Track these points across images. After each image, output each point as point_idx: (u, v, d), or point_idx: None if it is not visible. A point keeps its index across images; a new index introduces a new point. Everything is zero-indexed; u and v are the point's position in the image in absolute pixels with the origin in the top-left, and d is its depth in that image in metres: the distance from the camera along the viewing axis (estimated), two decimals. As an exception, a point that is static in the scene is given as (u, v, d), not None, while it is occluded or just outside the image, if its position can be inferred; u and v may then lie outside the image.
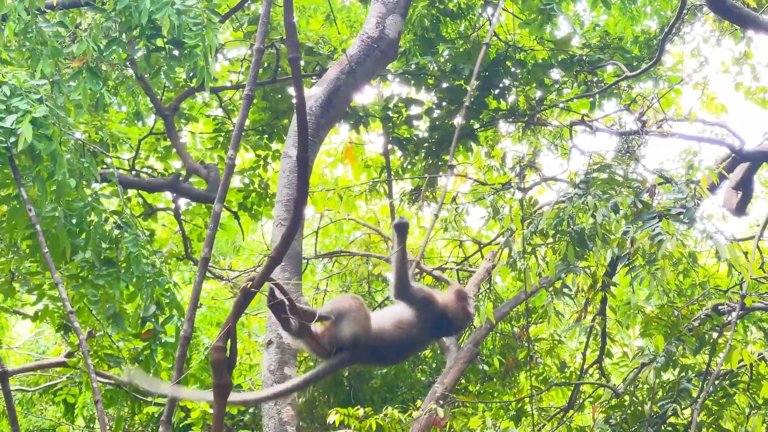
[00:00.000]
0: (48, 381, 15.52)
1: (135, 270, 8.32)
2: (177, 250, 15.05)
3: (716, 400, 11.02)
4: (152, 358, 9.09)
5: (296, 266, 8.88)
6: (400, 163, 14.31)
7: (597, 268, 10.83)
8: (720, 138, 13.28)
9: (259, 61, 6.29)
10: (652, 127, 12.84)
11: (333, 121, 9.93)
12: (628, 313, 11.30)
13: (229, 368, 5.19)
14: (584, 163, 11.85)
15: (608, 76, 14.09)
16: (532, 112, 13.75)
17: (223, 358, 5.17)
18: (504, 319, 14.53)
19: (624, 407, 11.29)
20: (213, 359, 5.16)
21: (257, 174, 14.45)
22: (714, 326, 10.93)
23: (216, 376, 5.17)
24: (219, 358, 5.16)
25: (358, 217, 17.09)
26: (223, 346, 5.15)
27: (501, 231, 12.80)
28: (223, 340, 5.14)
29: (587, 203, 9.55)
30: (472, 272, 15.75)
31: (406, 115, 13.72)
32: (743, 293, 10.38)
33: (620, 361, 13.81)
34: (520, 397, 14.76)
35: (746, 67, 15.11)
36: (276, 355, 8.37)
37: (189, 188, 13.06)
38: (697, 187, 9.74)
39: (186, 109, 14.14)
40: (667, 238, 8.94)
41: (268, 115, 13.70)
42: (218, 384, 5.17)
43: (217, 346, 5.16)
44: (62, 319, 9.85)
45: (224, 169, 6.16)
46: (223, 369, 5.17)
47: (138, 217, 12.97)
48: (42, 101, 7.68)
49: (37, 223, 7.22)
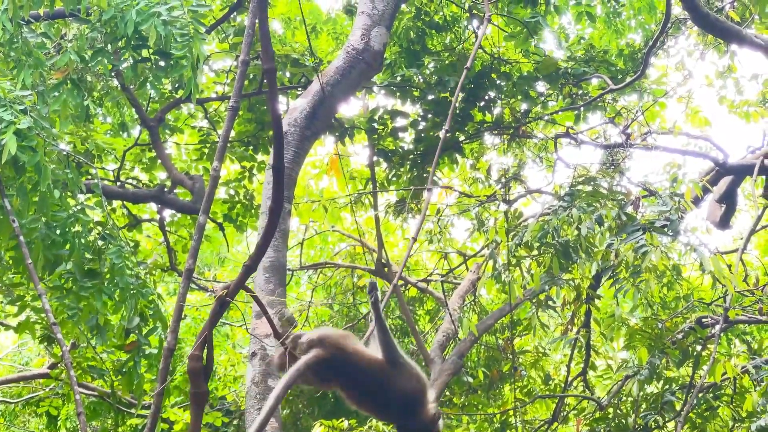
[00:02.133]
0: (31, 392, 15.46)
1: (119, 282, 8.29)
2: (162, 261, 15.01)
3: (700, 413, 11.05)
4: (135, 370, 9.05)
5: (281, 278, 8.87)
6: (386, 175, 14.30)
7: (582, 280, 10.86)
8: (704, 151, 13.32)
9: (244, 72, 6.28)
10: (636, 140, 12.88)
11: (318, 133, 9.94)
12: (613, 326, 11.33)
13: (205, 377, 5.18)
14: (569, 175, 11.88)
15: (593, 89, 14.13)
16: (517, 125, 13.76)
17: (200, 366, 5.16)
18: (488, 331, 14.53)
19: (608, 420, 11.32)
20: (189, 368, 5.16)
21: (242, 185, 14.42)
22: (698, 339, 10.97)
23: (193, 385, 5.17)
24: (195, 367, 5.15)
25: (343, 229, 17.09)
26: (200, 354, 5.15)
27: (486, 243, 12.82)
28: (199, 348, 5.14)
29: (572, 216, 9.57)
30: (456, 284, 15.76)
31: (392, 127, 13.72)
32: (727, 306, 10.42)
33: (604, 373, 13.84)
34: (504, 410, 14.77)
35: (730, 80, 15.16)
36: (260, 367, 8.37)
37: (174, 199, 13.02)
38: (681, 200, 9.78)
39: (171, 120, 14.11)
40: (651, 251, 8.97)
41: (253, 126, 13.68)
42: (195, 392, 5.16)
43: (194, 354, 5.16)
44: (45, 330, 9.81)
45: (209, 181, 6.15)
46: (200, 377, 5.16)
47: (122, 228, 12.95)
48: (26, 112, 7.66)
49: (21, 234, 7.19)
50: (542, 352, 15.41)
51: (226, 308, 5.35)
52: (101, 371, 10.65)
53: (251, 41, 6.19)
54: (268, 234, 5.33)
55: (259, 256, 5.29)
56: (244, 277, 5.31)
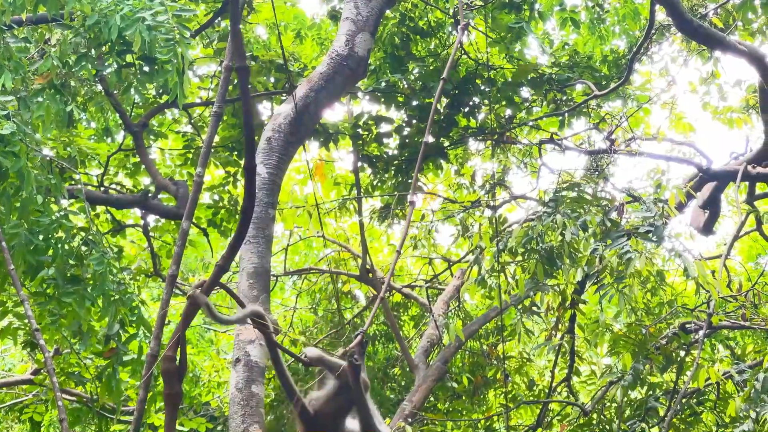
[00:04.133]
0: (14, 399, 15.39)
1: (100, 288, 8.26)
2: (146, 266, 14.97)
3: (684, 419, 11.08)
4: (114, 376, 9.03)
5: (265, 283, 8.85)
6: (370, 180, 14.30)
7: (566, 286, 10.87)
8: (688, 157, 13.38)
9: (228, 78, 6.27)
10: (620, 146, 12.91)
11: (302, 139, 9.92)
12: (597, 331, 11.36)
13: (179, 377, 5.18)
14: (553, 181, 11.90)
15: (577, 95, 14.15)
16: (502, 131, 13.78)
17: (173, 367, 5.15)
18: (473, 337, 14.53)
19: (592, 425, 11.34)
20: (163, 369, 5.16)
21: (227, 191, 14.39)
22: (681, 345, 11.00)
23: (166, 386, 5.17)
24: (169, 368, 5.15)
25: (328, 235, 17.08)
26: (173, 355, 5.14)
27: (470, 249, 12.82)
28: (172, 349, 5.13)
29: (556, 221, 9.59)
30: (441, 290, 15.77)
31: (376, 133, 13.71)
32: (710, 312, 10.46)
33: (588, 379, 13.86)
34: (489, 415, 14.77)
35: (713, 87, 15.21)
36: (244, 373, 8.33)
37: (158, 205, 12.99)
38: (665, 206, 9.80)
39: (155, 126, 14.07)
40: (635, 257, 8.98)
41: (237, 131, 13.65)
42: (169, 393, 5.16)
43: (167, 355, 5.15)
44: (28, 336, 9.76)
45: (193, 187, 6.14)
46: (174, 378, 5.16)
47: (106, 234, 12.89)
48: (9, 117, 7.63)
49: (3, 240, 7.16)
50: (527, 358, 15.42)
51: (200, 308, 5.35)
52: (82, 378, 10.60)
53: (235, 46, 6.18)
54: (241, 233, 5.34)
55: (231, 255, 5.30)
56: (217, 277, 5.32)
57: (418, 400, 12.80)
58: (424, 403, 13.38)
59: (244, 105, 5.03)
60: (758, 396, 9.86)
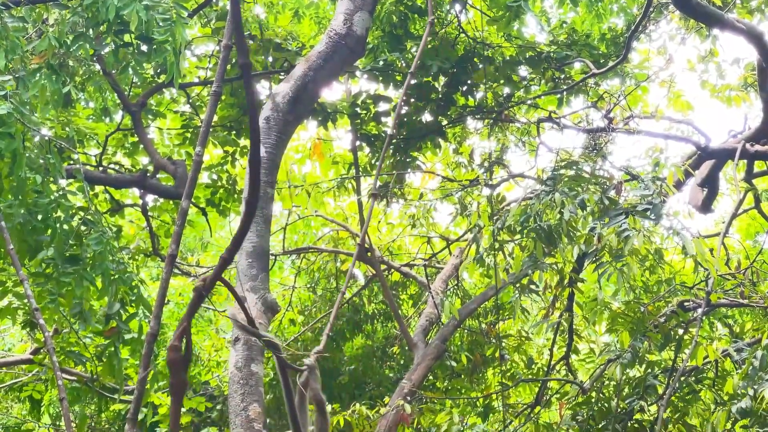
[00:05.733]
0: (14, 378, 15.43)
1: (99, 268, 8.27)
2: (144, 246, 14.98)
3: (682, 397, 11.09)
4: (116, 355, 9.04)
5: (264, 263, 8.86)
6: (368, 159, 14.30)
7: (564, 264, 10.88)
8: (686, 135, 13.38)
9: (226, 57, 6.27)
10: (619, 125, 12.91)
11: (301, 118, 9.91)
12: (595, 310, 11.37)
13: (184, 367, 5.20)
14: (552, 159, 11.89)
15: (575, 73, 14.13)
16: (500, 109, 13.77)
17: (179, 357, 5.17)
18: (471, 315, 14.56)
19: (591, 404, 11.35)
20: (169, 359, 5.18)
21: (225, 170, 14.39)
22: (679, 323, 11.00)
23: (172, 375, 5.19)
24: (175, 358, 5.17)
25: (326, 214, 17.09)
26: (179, 345, 5.17)
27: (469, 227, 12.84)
28: (178, 339, 5.16)
29: (554, 200, 9.58)
30: (439, 269, 15.79)
31: (374, 112, 13.71)
32: (708, 290, 10.45)
33: (587, 357, 13.89)
34: (487, 394, 14.81)
35: (712, 65, 15.20)
36: (243, 352, 8.35)
37: (156, 184, 12.99)
38: (664, 184, 9.80)
39: (153, 105, 14.06)
40: (633, 235, 8.98)
41: (236, 111, 13.64)
42: (174, 383, 5.18)
43: (173, 345, 5.17)
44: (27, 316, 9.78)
45: (192, 166, 6.13)
46: (179, 368, 5.18)
47: (105, 214, 12.90)
48: (7, 98, 7.62)
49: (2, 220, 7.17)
50: (525, 337, 15.45)
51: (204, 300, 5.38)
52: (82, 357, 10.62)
53: (233, 26, 6.17)
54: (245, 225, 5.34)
55: (235, 248, 5.31)
56: (221, 270, 5.33)
57: (417, 379, 12.83)
58: (423, 381, 13.41)
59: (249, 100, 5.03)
60: (756, 373, 9.88)
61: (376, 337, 16.94)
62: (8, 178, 7.64)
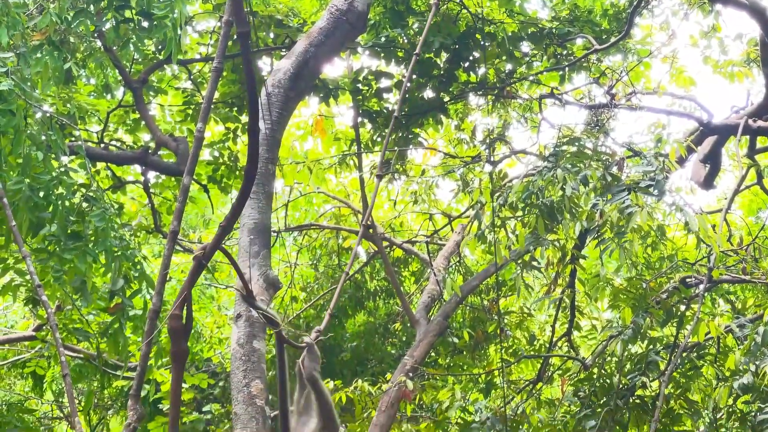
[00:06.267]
0: (16, 355, 15.45)
1: (102, 244, 8.26)
2: (146, 223, 14.97)
3: (683, 372, 11.11)
4: (121, 331, 9.05)
5: (265, 239, 8.86)
6: (370, 136, 14.27)
7: (566, 240, 10.87)
8: (688, 111, 13.34)
9: (227, 33, 6.25)
10: (621, 101, 12.87)
11: (302, 94, 9.89)
12: (597, 286, 11.36)
13: (185, 335, 5.22)
14: (554, 136, 11.87)
15: (577, 49, 14.09)
16: (502, 85, 13.74)
17: (180, 325, 5.19)
18: (473, 292, 14.57)
19: (592, 380, 11.37)
20: (169, 327, 5.20)
21: (227, 147, 14.37)
22: (681, 299, 11.01)
23: (173, 344, 5.21)
24: (175, 326, 5.19)
25: (328, 190, 17.08)
26: (179, 314, 5.18)
27: (471, 204, 12.83)
28: (179, 308, 5.17)
29: (556, 176, 9.58)
30: (441, 245, 15.79)
31: (376, 88, 13.68)
32: (711, 266, 10.45)
33: (589, 333, 13.90)
34: (489, 370, 14.82)
35: (714, 40, 15.13)
36: (245, 329, 8.36)
37: (158, 161, 12.97)
38: (666, 160, 9.78)
39: (155, 82, 14.03)
40: (636, 211, 8.98)
41: (237, 87, 13.61)
42: (175, 351, 5.20)
43: (173, 314, 5.19)
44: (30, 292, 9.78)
45: (193, 142, 6.13)
46: (180, 336, 5.20)
47: (107, 190, 12.89)
48: (8, 74, 7.61)
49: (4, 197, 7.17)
50: (527, 313, 15.46)
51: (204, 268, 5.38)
52: (86, 333, 10.63)
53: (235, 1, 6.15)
54: (244, 195, 5.34)
55: (234, 216, 5.32)
56: (221, 238, 5.34)
57: (419, 355, 12.85)
58: (425, 358, 13.43)
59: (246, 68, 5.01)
60: (758, 349, 9.89)
61: (378, 314, 16.96)
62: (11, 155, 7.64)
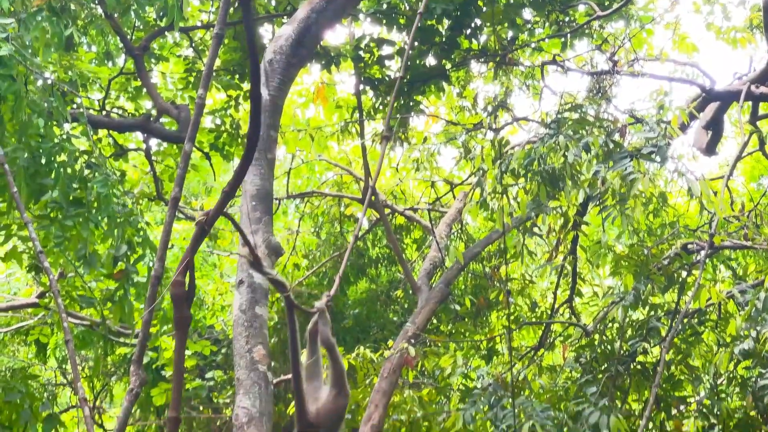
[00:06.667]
0: (20, 322, 15.50)
1: (104, 210, 8.27)
2: (148, 190, 15.00)
3: (684, 338, 11.14)
4: (126, 298, 9.07)
5: (267, 206, 8.86)
6: (372, 103, 14.25)
7: (568, 207, 10.87)
8: (691, 78, 13.30)
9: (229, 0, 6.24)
10: (623, 67, 12.85)
11: (304, 61, 9.87)
12: (599, 253, 11.38)
13: (188, 302, 5.23)
14: (556, 103, 11.84)
15: (580, 16, 14.04)
16: (504, 52, 13.70)
17: (182, 292, 5.20)
18: (475, 259, 14.58)
19: (594, 346, 11.39)
20: (172, 293, 5.20)
21: (228, 114, 14.36)
22: (683, 265, 11.02)
23: (176, 310, 5.22)
24: (178, 292, 5.20)
25: (330, 158, 17.08)
26: (182, 280, 5.19)
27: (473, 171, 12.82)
28: (181, 274, 5.18)
29: (558, 143, 9.56)
30: (443, 212, 15.80)
31: (378, 55, 13.64)
32: (712, 232, 10.46)
33: (590, 300, 13.92)
34: (491, 337, 14.86)
35: (717, 6, 15.10)
36: (247, 295, 8.37)
37: (160, 129, 12.98)
38: (668, 127, 9.77)
39: (156, 49, 14.01)
40: (638, 178, 8.97)
41: (239, 55, 13.58)
42: (178, 318, 5.21)
43: (176, 280, 5.20)
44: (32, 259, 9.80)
45: (194, 109, 6.13)
46: (183, 302, 5.21)
47: (109, 158, 12.90)
48: (8, 40, 7.59)
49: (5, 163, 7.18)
50: (529, 280, 15.49)
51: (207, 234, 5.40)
52: (90, 300, 10.65)
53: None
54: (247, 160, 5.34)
55: (237, 182, 5.32)
56: (224, 203, 5.35)
57: (421, 322, 12.87)
58: (427, 325, 13.46)
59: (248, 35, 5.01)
60: (759, 315, 9.91)
61: (380, 281, 16.99)
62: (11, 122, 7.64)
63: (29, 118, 7.65)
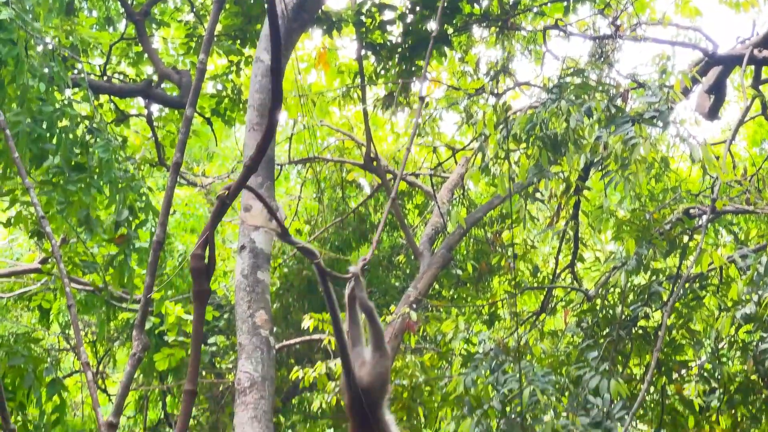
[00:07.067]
0: (23, 287, 15.53)
1: (106, 176, 8.27)
2: (150, 156, 14.99)
3: (686, 303, 11.14)
4: (126, 263, 9.08)
5: (269, 172, 8.87)
6: (374, 68, 14.21)
7: (570, 172, 10.86)
8: (693, 42, 13.25)
9: (229, -37, 6.22)
10: (625, 32, 12.80)
11: (305, 25, 9.85)
12: (601, 218, 11.37)
13: (207, 275, 5.24)
14: (558, 67, 11.81)
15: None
16: (506, 17, 13.65)
17: (202, 265, 5.20)
18: (477, 224, 14.59)
19: (595, 311, 11.41)
20: (192, 267, 5.20)
21: (230, 80, 14.33)
22: (685, 230, 11.01)
23: (195, 283, 5.22)
24: (198, 266, 5.20)
25: (332, 123, 17.05)
26: (202, 254, 5.19)
27: (475, 136, 12.80)
28: (201, 248, 5.18)
29: (560, 108, 9.54)
30: (445, 178, 15.79)
31: (380, 20, 13.59)
32: (714, 197, 10.44)
33: (592, 265, 13.94)
34: (493, 301, 14.89)
35: (721, -30, 15.02)
36: (249, 260, 8.40)
37: (161, 94, 12.96)
38: (671, 91, 9.74)
39: (157, 14, 13.97)
40: (640, 142, 8.95)
41: (240, 20, 13.55)
42: (198, 291, 5.22)
43: (196, 254, 5.19)
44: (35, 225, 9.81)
45: (196, 74, 6.11)
46: (202, 276, 5.21)
47: (110, 124, 12.89)
48: (8, 4, 7.57)
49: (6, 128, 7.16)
50: (531, 245, 15.50)
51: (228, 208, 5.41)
52: (93, 265, 10.67)
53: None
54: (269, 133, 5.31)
55: (259, 156, 5.27)
56: (245, 178, 5.32)
57: (423, 287, 12.90)
58: (429, 289, 13.49)
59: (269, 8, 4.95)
60: (760, 279, 9.92)
61: (382, 247, 17.01)
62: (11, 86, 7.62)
63: (30, 83, 7.63)
